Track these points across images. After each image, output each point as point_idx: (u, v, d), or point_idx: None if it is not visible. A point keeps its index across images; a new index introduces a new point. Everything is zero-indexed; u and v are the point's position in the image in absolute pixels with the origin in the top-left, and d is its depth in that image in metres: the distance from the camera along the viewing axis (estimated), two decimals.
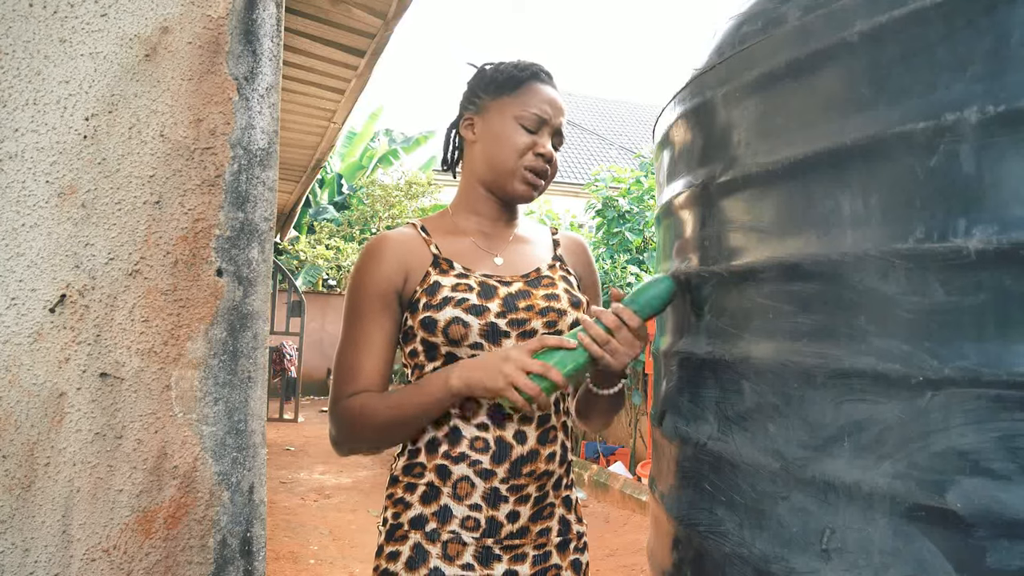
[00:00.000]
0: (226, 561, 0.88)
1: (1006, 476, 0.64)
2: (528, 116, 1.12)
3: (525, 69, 1.16)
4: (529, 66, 1.17)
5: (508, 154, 1.12)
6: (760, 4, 0.91)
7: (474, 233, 1.17)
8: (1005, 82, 0.64)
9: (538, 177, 1.14)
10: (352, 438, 1.09)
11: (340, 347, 1.13)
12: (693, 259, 1.03)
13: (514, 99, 1.13)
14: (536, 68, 1.17)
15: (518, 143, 1.11)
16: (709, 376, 0.98)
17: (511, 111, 1.13)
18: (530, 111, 1.12)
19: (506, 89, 1.15)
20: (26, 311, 0.79)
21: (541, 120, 1.12)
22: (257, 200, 0.92)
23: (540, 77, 1.16)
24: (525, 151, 1.12)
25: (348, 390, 1.09)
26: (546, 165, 1.14)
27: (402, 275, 1.11)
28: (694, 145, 1.04)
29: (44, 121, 0.81)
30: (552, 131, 1.14)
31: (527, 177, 1.12)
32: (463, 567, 1.04)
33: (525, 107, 1.12)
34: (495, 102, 1.15)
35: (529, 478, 1.06)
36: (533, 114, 1.12)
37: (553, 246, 1.24)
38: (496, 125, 1.13)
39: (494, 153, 1.13)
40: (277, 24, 0.95)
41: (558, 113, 1.15)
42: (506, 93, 1.14)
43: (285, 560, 3.83)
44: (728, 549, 0.90)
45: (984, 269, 0.65)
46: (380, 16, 3.53)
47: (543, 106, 1.13)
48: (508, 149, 1.12)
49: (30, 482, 0.79)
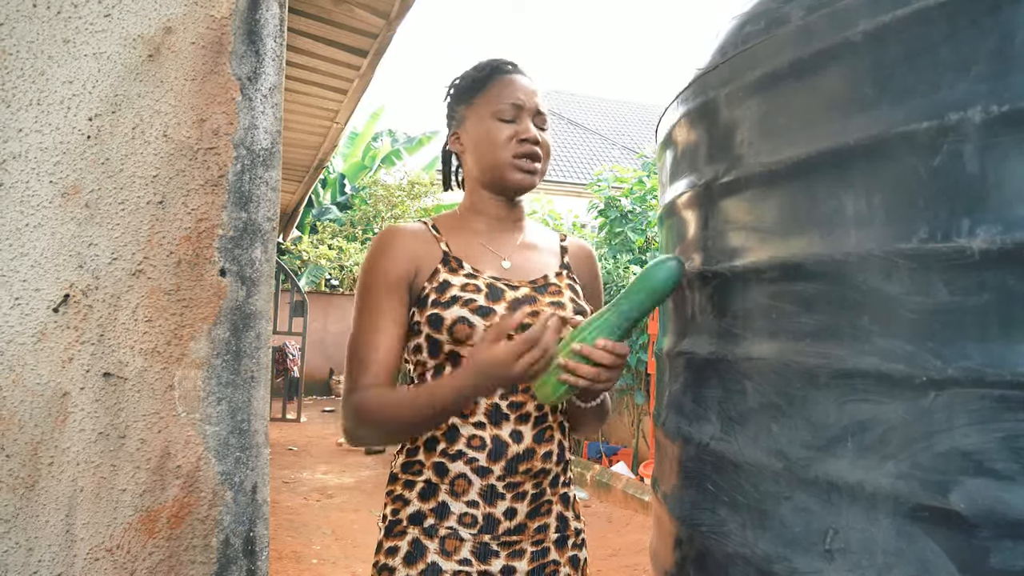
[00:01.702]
0: (229, 561, 0.88)
1: (1010, 476, 0.64)
2: (502, 108, 1.13)
3: (485, 68, 1.18)
4: (488, 64, 1.19)
5: (494, 149, 1.13)
6: (763, 4, 0.91)
7: (482, 234, 1.18)
8: (1009, 82, 0.64)
9: (530, 160, 1.14)
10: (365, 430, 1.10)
11: (353, 336, 1.13)
12: (696, 259, 1.03)
13: (484, 99, 1.15)
14: (496, 63, 1.19)
15: (500, 136, 1.13)
16: (712, 376, 0.98)
17: (485, 110, 1.14)
18: (503, 103, 1.13)
19: (474, 93, 1.17)
20: (30, 311, 0.80)
21: (516, 107, 1.13)
22: (260, 200, 0.92)
23: (502, 69, 1.17)
24: (509, 141, 1.13)
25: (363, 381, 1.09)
26: (534, 147, 1.14)
27: (414, 267, 1.12)
28: (697, 145, 1.04)
29: (48, 121, 0.81)
30: (531, 114, 1.15)
31: (519, 164, 1.13)
32: (460, 562, 1.05)
33: (496, 101, 1.14)
34: (469, 109, 1.17)
35: (525, 476, 1.07)
36: (506, 104, 1.13)
37: (561, 253, 1.24)
38: (476, 129, 1.15)
39: (482, 153, 1.15)
40: (280, 24, 0.95)
41: (531, 96, 1.15)
42: (476, 96, 1.16)
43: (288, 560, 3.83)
44: (731, 549, 0.90)
45: (988, 269, 0.65)
46: (383, 16, 3.54)
47: (514, 94, 1.14)
48: (493, 145, 1.13)
49: (34, 481, 0.79)
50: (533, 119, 1.15)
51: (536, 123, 1.15)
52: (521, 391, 1.08)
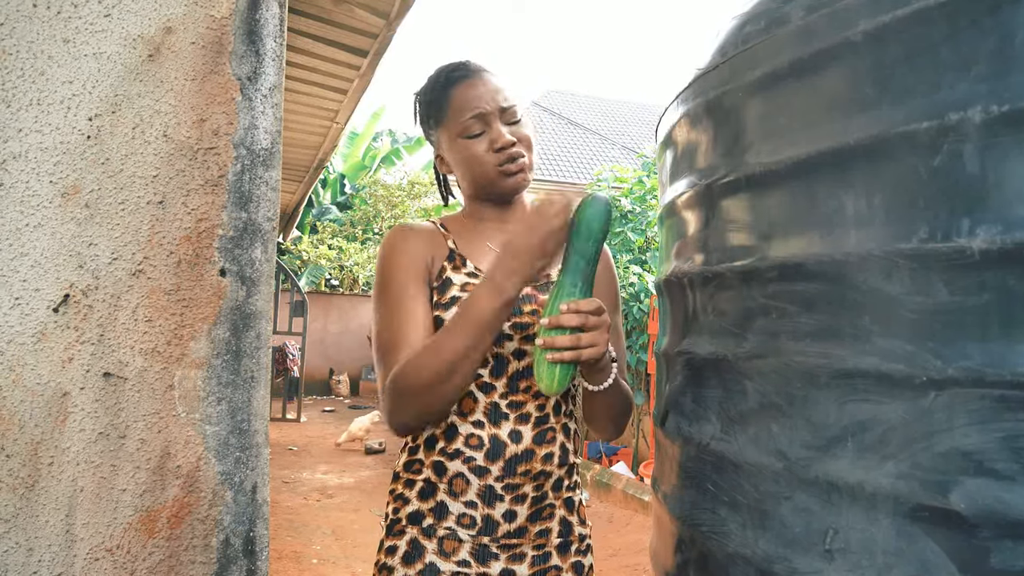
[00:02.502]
0: (229, 561, 0.88)
1: (1010, 476, 0.64)
2: (466, 124, 1.09)
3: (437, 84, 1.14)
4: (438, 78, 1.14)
5: (475, 168, 1.11)
6: (763, 4, 0.91)
7: (487, 235, 1.18)
8: (1009, 82, 0.64)
9: (513, 163, 1.11)
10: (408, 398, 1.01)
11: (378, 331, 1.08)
12: (696, 259, 1.03)
13: (448, 119, 1.12)
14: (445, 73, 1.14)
15: (476, 154, 1.10)
16: (712, 376, 0.98)
17: (453, 131, 1.11)
18: (465, 118, 1.09)
19: (437, 115, 1.14)
20: (30, 311, 0.80)
21: (479, 117, 1.09)
22: (260, 200, 0.92)
23: (454, 79, 1.13)
24: (486, 155, 1.10)
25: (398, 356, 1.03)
26: (512, 149, 1.10)
27: (429, 259, 1.11)
28: (697, 145, 1.04)
29: (48, 121, 0.81)
30: (497, 116, 1.10)
31: (505, 170, 1.11)
32: (459, 563, 1.04)
33: (459, 119, 1.10)
34: (440, 131, 1.15)
35: (525, 477, 1.06)
36: (469, 119, 1.09)
37: None
38: (452, 151, 1.13)
39: (464, 173, 1.14)
40: (280, 24, 0.95)
41: (491, 97, 1.10)
42: (440, 119, 1.13)
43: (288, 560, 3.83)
44: (731, 549, 0.90)
45: (988, 269, 0.65)
46: (383, 16, 3.54)
47: (472, 104, 1.10)
48: (474, 164, 1.11)
49: (34, 481, 0.79)
50: (502, 119, 1.11)
51: (505, 120, 1.11)
52: (522, 391, 1.07)
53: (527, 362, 1.09)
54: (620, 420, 1.16)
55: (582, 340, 0.95)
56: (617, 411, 1.14)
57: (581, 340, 0.95)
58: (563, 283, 0.97)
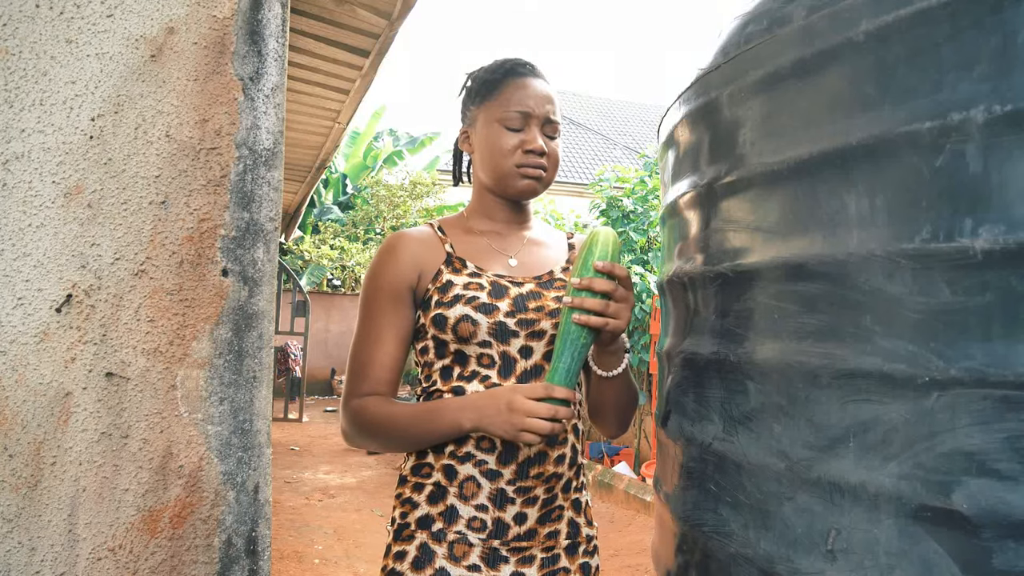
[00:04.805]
0: (231, 561, 0.88)
1: (1013, 477, 0.64)
2: (509, 116, 1.11)
3: (498, 69, 1.15)
4: (502, 64, 1.16)
5: (499, 159, 1.12)
6: (765, 4, 0.91)
7: (488, 234, 1.18)
8: (1012, 82, 0.64)
9: (535, 170, 1.12)
10: (361, 438, 1.13)
11: (354, 341, 1.14)
12: (698, 259, 1.03)
13: (494, 103, 1.13)
14: (511, 64, 1.16)
15: (505, 146, 1.11)
16: (714, 376, 0.98)
17: (494, 115, 1.12)
18: (511, 110, 1.11)
19: (486, 95, 1.14)
20: (32, 311, 0.80)
21: (524, 115, 1.11)
22: (262, 200, 0.92)
23: (516, 72, 1.14)
24: (514, 151, 1.11)
25: (361, 388, 1.11)
26: (539, 158, 1.12)
27: (416, 272, 1.12)
28: (699, 145, 1.04)
29: (50, 121, 0.82)
30: (540, 122, 1.12)
31: (523, 173, 1.12)
32: (469, 568, 1.04)
33: (505, 108, 1.11)
34: (480, 110, 1.15)
35: (537, 480, 1.06)
36: (514, 112, 1.11)
37: (568, 250, 1.24)
38: (484, 133, 1.14)
39: (487, 160, 1.14)
40: (282, 24, 0.95)
41: (542, 103, 1.13)
42: (487, 99, 1.14)
43: (290, 560, 3.84)
44: (733, 550, 0.90)
45: (990, 269, 0.65)
46: (384, 16, 3.54)
47: (524, 101, 1.11)
48: (498, 154, 1.11)
49: (36, 481, 0.79)
50: (542, 128, 1.13)
51: (545, 132, 1.13)
52: None
53: (535, 361, 1.09)
54: (626, 414, 1.17)
55: (609, 308, 0.99)
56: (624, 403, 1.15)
57: (609, 307, 0.99)
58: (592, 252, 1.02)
